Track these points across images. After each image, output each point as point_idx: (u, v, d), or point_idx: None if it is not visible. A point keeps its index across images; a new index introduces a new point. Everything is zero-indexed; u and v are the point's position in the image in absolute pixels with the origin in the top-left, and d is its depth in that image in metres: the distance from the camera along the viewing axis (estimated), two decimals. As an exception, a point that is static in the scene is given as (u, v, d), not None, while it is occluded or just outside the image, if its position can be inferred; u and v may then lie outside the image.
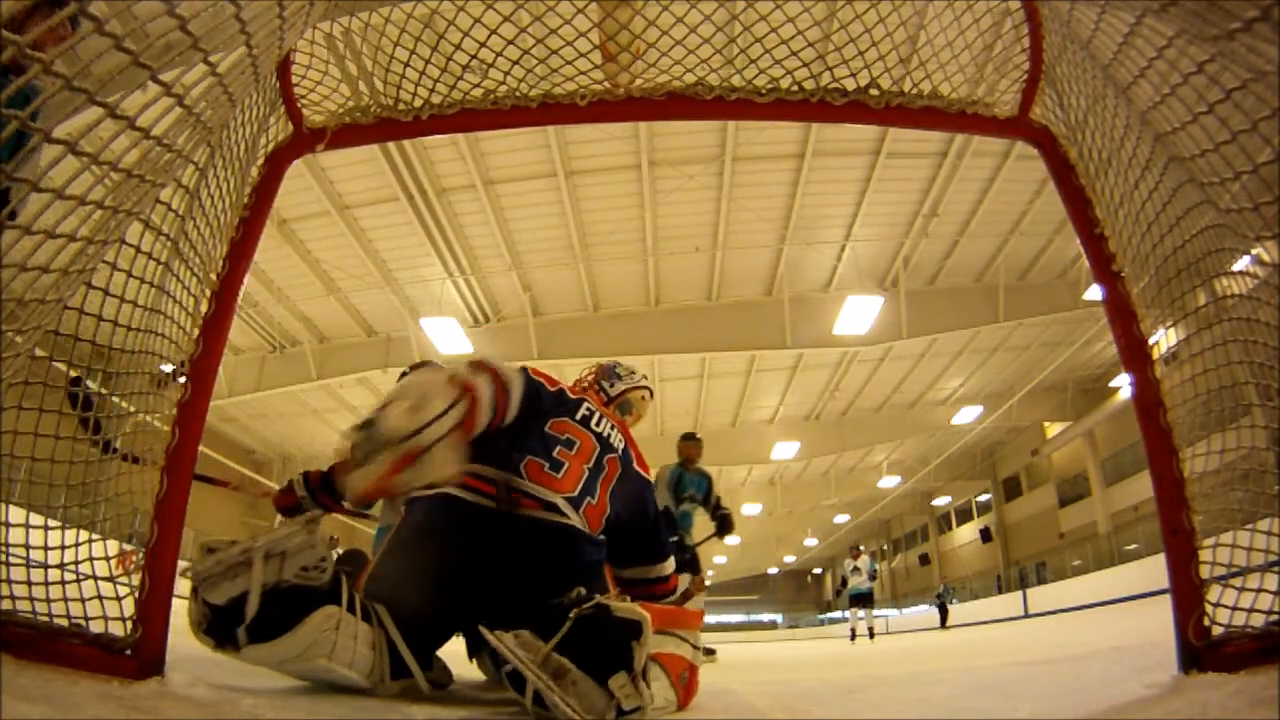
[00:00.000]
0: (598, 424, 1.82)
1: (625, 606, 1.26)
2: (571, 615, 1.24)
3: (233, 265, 1.46)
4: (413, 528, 1.58)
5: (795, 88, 1.64)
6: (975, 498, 25.89)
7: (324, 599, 1.27)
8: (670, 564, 2.05)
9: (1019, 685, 1.68)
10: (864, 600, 11.95)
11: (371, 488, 1.23)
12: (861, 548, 12.61)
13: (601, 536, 1.68)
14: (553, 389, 1.81)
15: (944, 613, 18.49)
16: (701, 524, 6.00)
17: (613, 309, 12.09)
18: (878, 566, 11.78)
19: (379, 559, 1.60)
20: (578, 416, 1.80)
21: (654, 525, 1.96)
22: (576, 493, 1.66)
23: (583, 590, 1.42)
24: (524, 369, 1.74)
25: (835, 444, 17.94)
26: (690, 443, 6.08)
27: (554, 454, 1.68)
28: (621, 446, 1.87)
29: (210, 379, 1.37)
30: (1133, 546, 14.27)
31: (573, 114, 1.68)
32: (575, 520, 1.60)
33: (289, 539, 1.25)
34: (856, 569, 11.93)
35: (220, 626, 1.20)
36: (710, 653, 5.30)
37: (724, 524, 5.72)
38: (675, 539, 5.51)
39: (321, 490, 2.29)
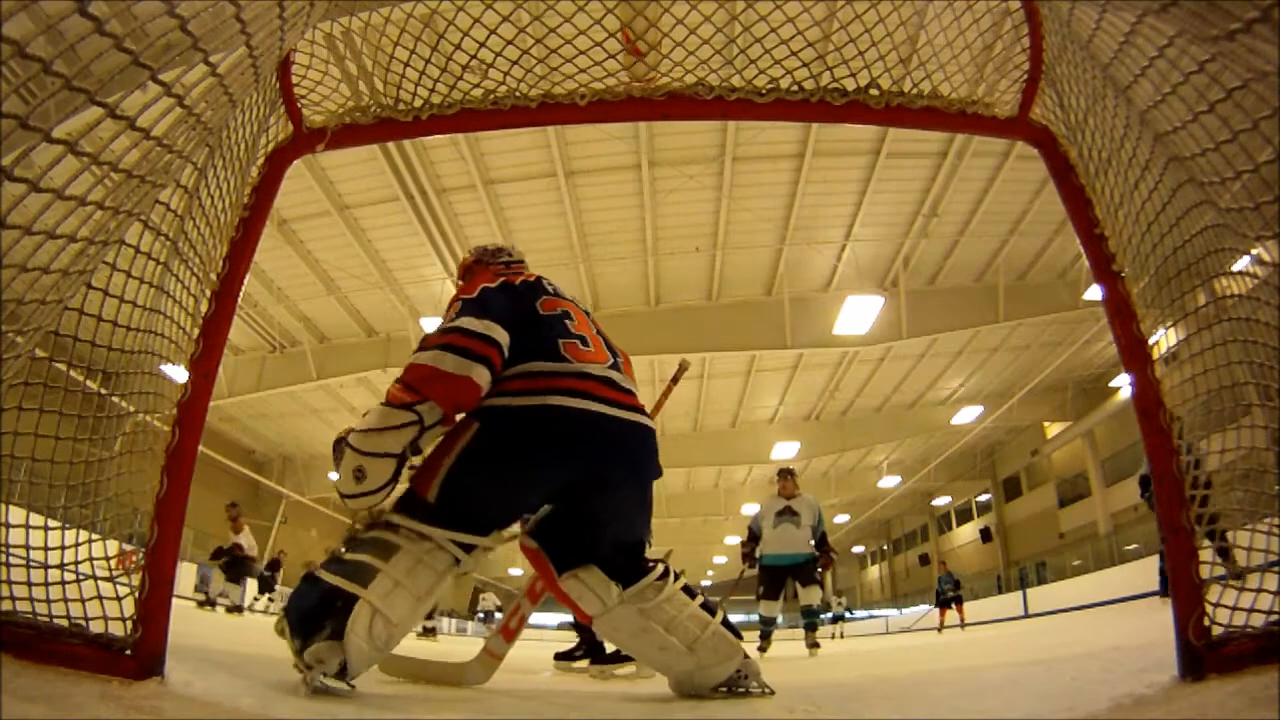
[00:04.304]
0: (557, 290, 1.83)
1: None
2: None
3: (233, 265, 1.46)
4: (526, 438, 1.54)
5: (795, 88, 1.64)
6: (975, 498, 25.88)
7: None
8: None
9: (1019, 685, 1.68)
10: (796, 575, 5.78)
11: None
12: (804, 496, 6.12)
13: None
14: (517, 281, 1.77)
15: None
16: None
17: (613, 309, 12.09)
18: (823, 514, 6.02)
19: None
20: (550, 290, 1.80)
21: None
22: (610, 360, 1.72)
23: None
24: (489, 289, 1.66)
25: (835, 444, 17.94)
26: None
27: (571, 329, 1.70)
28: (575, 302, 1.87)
29: (210, 379, 1.37)
30: (1133, 546, 14.27)
31: (573, 114, 1.68)
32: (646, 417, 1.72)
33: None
34: (784, 514, 5.88)
35: None
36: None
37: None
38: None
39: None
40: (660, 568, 1.66)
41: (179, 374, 1.36)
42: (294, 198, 9.25)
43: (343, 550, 1.45)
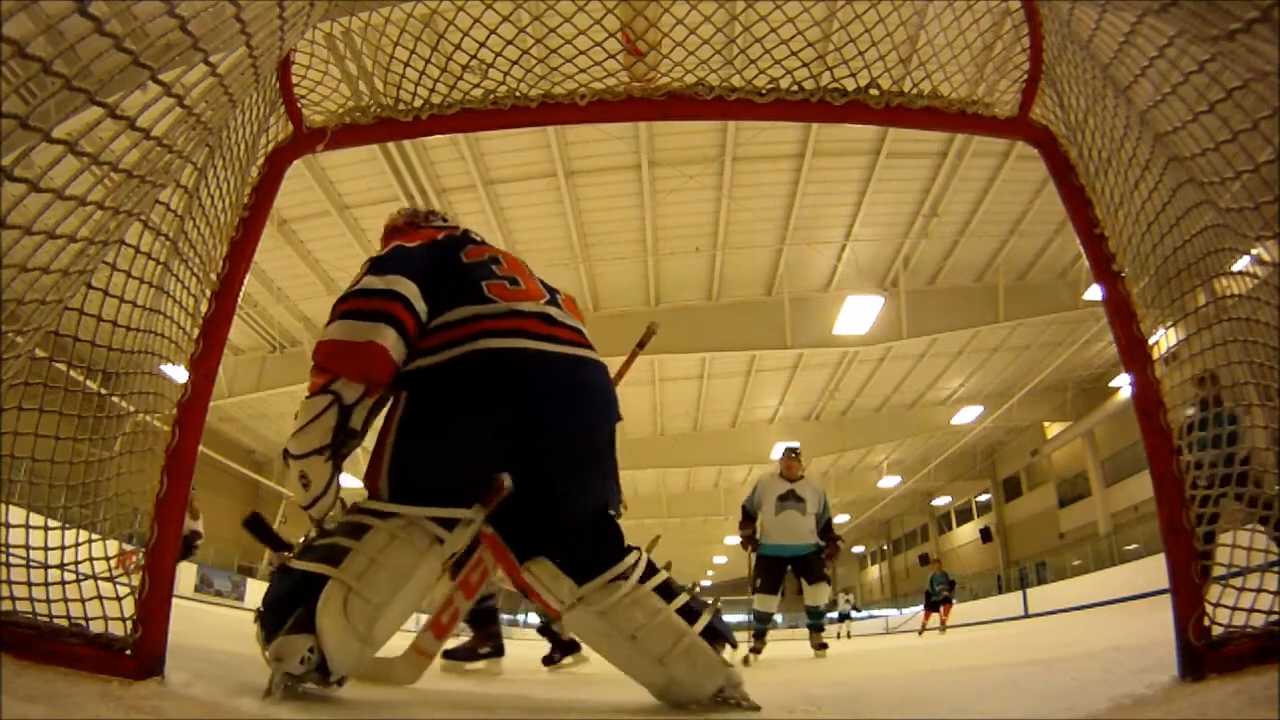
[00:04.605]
0: (485, 240, 1.72)
1: None
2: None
3: (233, 265, 1.46)
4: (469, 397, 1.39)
5: (795, 88, 1.64)
6: (975, 498, 25.88)
7: None
8: None
9: (1019, 685, 1.68)
10: (801, 570, 5.23)
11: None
12: (808, 479, 5.45)
13: None
14: (441, 235, 1.65)
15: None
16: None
17: (613, 309, 12.09)
18: (827, 501, 5.46)
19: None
20: (477, 240, 1.68)
21: None
22: (545, 297, 1.58)
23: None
24: (403, 245, 1.54)
25: (835, 444, 17.94)
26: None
27: (497, 271, 1.57)
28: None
29: (210, 379, 1.37)
30: (1133, 546, 14.26)
31: (573, 114, 1.67)
32: (592, 351, 1.57)
33: None
34: (788, 499, 5.25)
35: None
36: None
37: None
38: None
39: None
40: (629, 560, 1.44)
41: (179, 374, 1.36)
42: (294, 198, 9.25)
43: (314, 540, 1.35)
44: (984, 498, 25.36)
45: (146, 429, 1.33)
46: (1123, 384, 12.30)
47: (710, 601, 1.46)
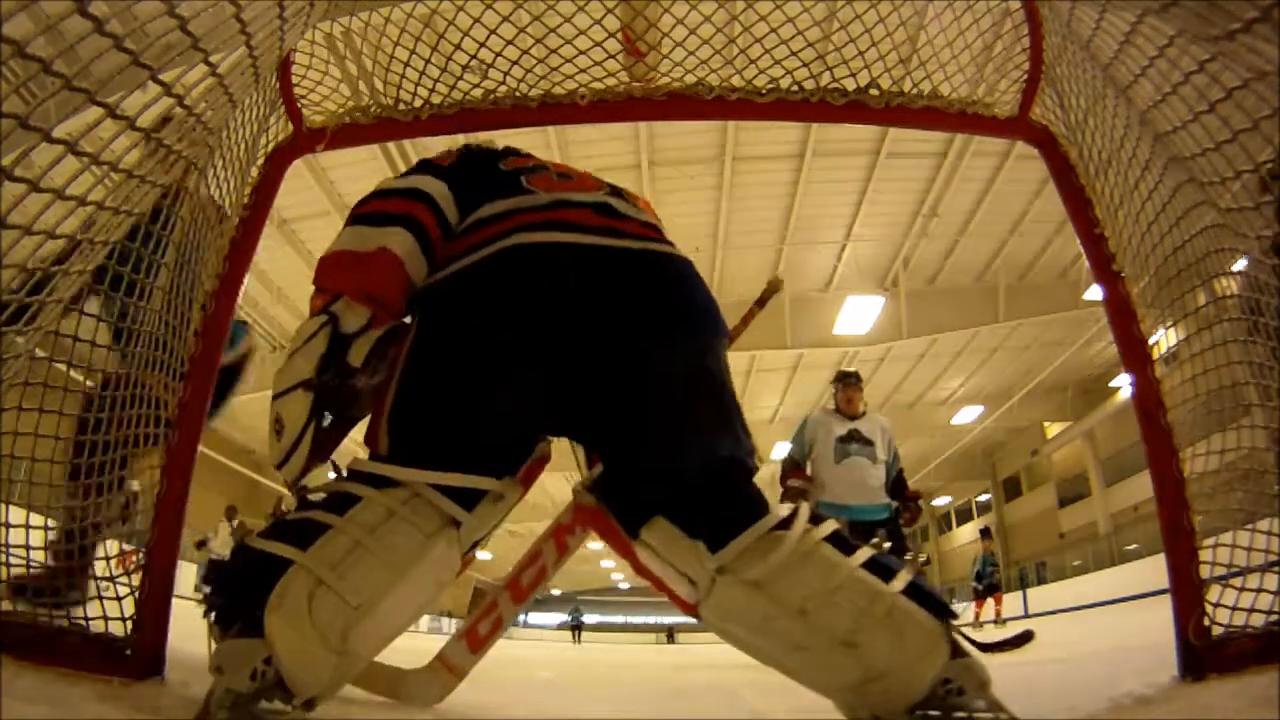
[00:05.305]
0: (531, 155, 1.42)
1: None
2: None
3: (233, 265, 1.46)
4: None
5: (795, 88, 1.64)
6: (975, 498, 25.88)
7: None
8: None
9: (1019, 685, 1.68)
10: (880, 530, 3.29)
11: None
12: (874, 415, 4.17)
13: None
14: (487, 149, 1.39)
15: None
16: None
17: (613, 309, 12.07)
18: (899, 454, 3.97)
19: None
20: (521, 152, 1.38)
21: None
22: (604, 188, 1.25)
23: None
24: (431, 159, 1.29)
25: (835, 444, 17.94)
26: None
27: (544, 168, 1.29)
28: None
29: (210, 379, 1.37)
30: (1133, 546, 14.26)
31: (573, 114, 1.68)
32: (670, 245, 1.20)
33: None
34: (853, 441, 3.91)
35: None
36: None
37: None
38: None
39: None
40: (780, 512, 1.02)
41: (179, 374, 1.35)
42: (294, 198, 9.25)
43: (288, 513, 1.03)
44: (984, 498, 25.36)
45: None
46: (1123, 384, 12.29)
47: (912, 557, 0.99)
